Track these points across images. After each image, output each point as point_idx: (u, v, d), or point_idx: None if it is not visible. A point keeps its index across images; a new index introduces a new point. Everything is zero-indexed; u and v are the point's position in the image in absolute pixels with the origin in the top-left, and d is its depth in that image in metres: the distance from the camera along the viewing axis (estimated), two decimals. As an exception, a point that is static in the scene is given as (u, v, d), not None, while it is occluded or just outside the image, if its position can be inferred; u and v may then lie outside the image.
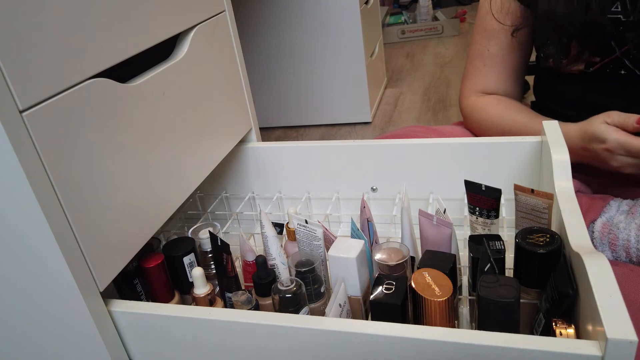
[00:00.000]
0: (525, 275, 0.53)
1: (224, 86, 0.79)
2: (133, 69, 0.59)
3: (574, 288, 0.46)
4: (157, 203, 0.61)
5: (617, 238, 0.63)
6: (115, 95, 0.54)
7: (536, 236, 0.52)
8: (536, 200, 0.59)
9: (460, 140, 0.77)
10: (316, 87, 1.94)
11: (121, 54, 0.55)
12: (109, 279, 0.53)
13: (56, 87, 0.47)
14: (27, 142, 0.44)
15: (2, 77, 0.41)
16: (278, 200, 0.90)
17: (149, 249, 0.64)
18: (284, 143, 0.86)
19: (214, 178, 0.92)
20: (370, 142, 0.81)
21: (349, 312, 0.58)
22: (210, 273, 0.70)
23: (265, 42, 1.89)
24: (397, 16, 3.15)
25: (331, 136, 1.94)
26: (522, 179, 0.76)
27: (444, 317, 0.51)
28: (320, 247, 0.64)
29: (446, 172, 0.79)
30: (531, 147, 0.73)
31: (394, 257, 0.56)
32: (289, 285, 0.56)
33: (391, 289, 0.52)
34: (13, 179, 0.43)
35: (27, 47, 0.44)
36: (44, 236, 0.46)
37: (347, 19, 1.80)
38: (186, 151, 0.67)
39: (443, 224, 0.60)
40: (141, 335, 0.55)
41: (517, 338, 0.42)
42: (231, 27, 0.81)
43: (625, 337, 0.37)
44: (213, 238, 0.64)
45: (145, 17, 0.59)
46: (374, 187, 0.84)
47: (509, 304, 0.46)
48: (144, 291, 0.64)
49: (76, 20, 0.49)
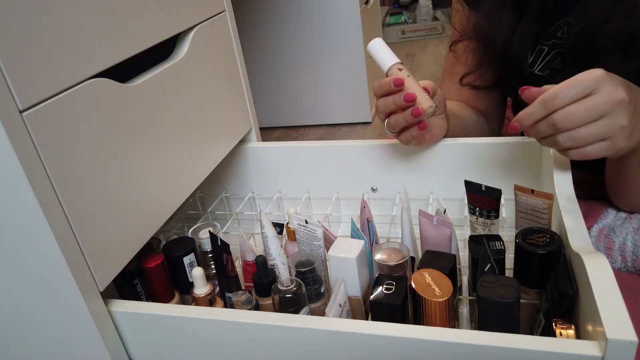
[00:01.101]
0: (525, 275, 0.53)
1: (224, 86, 0.78)
2: (133, 69, 0.59)
3: (574, 288, 0.46)
4: (157, 203, 0.61)
5: (614, 242, 0.62)
6: (115, 95, 0.54)
7: (536, 236, 0.52)
8: (536, 201, 0.59)
9: (460, 140, 0.77)
10: (316, 87, 1.94)
11: (121, 54, 0.55)
12: (109, 279, 0.53)
13: (56, 87, 0.47)
14: (27, 142, 0.44)
15: (2, 77, 0.41)
16: (278, 200, 0.90)
17: (149, 249, 0.64)
18: (284, 143, 0.86)
19: (214, 178, 0.92)
20: (370, 142, 0.81)
21: (349, 312, 0.58)
22: (210, 273, 0.70)
23: (265, 42, 1.88)
24: (397, 16, 3.15)
25: (331, 136, 1.94)
26: (522, 179, 0.76)
27: (444, 317, 0.51)
28: (320, 247, 0.64)
29: (446, 172, 0.79)
30: (531, 147, 0.73)
31: (394, 257, 0.56)
32: (289, 285, 0.56)
33: (391, 289, 0.52)
34: (13, 179, 0.43)
35: (27, 47, 0.44)
36: (44, 236, 0.46)
37: (347, 19, 1.80)
38: (186, 151, 0.67)
39: (443, 224, 0.60)
40: (141, 335, 0.55)
41: (517, 338, 0.42)
42: (231, 27, 0.81)
43: (625, 337, 0.37)
44: (213, 238, 0.64)
45: (145, 17, 0.59)
46: (374, 187, 0.84)
47: (509, 304, 0.46)
48: (144, 291, 0.64)
49: (76, 20, 0.49)
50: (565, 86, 0.52)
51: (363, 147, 0.81)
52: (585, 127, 0.52)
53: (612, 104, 0.51)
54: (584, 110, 0.52)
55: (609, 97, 0.51)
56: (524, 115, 0.55)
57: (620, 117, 0.52)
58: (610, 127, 0.52)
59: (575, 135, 0.53)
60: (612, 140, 0.53)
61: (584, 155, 0.54)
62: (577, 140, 0.53)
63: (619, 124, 0.52)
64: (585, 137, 0.53)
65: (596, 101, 0.51)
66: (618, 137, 0.52)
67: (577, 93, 0.52)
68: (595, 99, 0.51)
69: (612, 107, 0.51)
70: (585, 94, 0.52)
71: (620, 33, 0.60)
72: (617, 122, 0.52)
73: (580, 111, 0.52)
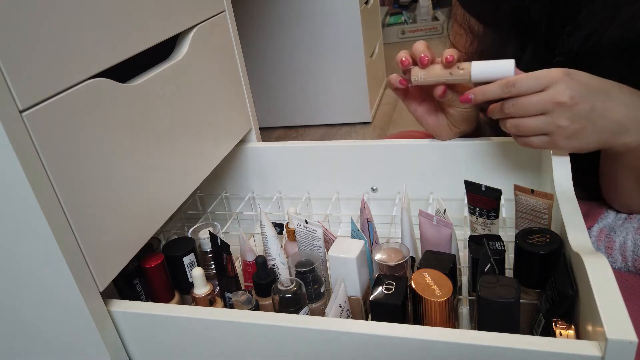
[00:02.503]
0: (525, 275, 0.53)
1: (224, 86, 0.78)
2: (133, 69, 0.59)
3: (574, 288, 0.46)
4: (157, 203, 0.61)
5: (614, 242, 0.63)
6: (115, 95, 0.54)
7: (536, 236, 0.52)
8: (536, 201, 0.59)
9: (460, 140, 0.76)
10: (316, 87, 1.94)
11: (121, 54, 0.55)
12: (109, 279, 0.53)
13: (56, 87, 0.47)
14: (27, 142, 0.44)
15: (2, 77, 0.41)
16: (278, 200, 0.90)
17: (149, 249, 0.64)
18: (284, 143, 0.86)
19: (214, 178, 0.92)
20: (370, 142, 0.81)
21: (349, 312, 0.58)
22: (210, 273, 0.70)
23: (265, 43, 1.89)
24: (397, 16, 3.15)
25: (331, 136, 1.94)
26: (522, 179, 0.76)
27: (444, 317, 0.51)
28: (320, 247, 0.64)
29: (446, 172, 0.79)
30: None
31: (394, 257, 0.56)
32: (289, 285, 0.56)
33: (391, 289, 0.52)
34: (13, 179, 0.43)
35: (27, 47, 0.44)
36: (44, 236, 0.46)
37: (347, 19, 1.80)
38: (186, 151, 0.67)
39: (443, 224, 0.60)
40: (141, 335, 0.55)
41: (517, 338, 0.42)
42: (231, 27, 0.81)
43: (625, 337, 0.37)
44: (213, 238, 0.64)
45: (145, 17, 0.59)
46: (374, 187, 0.84)
47: (509, 304, 0.46)
48: (144, 291, 0.64)
49: (76, 20, 0.49)
50: (524, 77, 0.56)
51: (363, 147, 0.81)
52: (529, 118, 0.57)
53: (553, 104, 0.54)
54: (528, 104, 0.56)
55: (553, 97, 0.54)
56: (480, 90, 0.60)
57: (559, 118, 0.55)
58: (549, 125, 0.56)
59: (520, 124, 0.58)
60: (552, 137, 0.57)
61: (528, 144, 0.59)
62: (520, 128, 0.58)
63: (556, 123, 0.55)
64: (527, 128, 0.57)
65: (541, 98, 0.55)
66: (556, 136, 0.56)
67: (531, 87, 0.55)
68: (542, 96, 0.55)
69: (553, 106, 0.55)
70: (538, 89, 0.55)
71: (621, 39, 0.60)
72: (555, 121, 0.55)
73: (525, 103, 0.56)
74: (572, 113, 0.54)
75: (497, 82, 0.58)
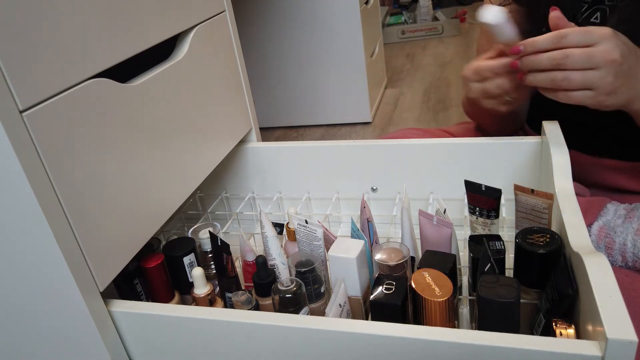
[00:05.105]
0: (525, 275, 0.53)
1: (224, 86, 0.79)
2: (133, 69, 0.59)
3: (574, 288, 0.46)
4: (157, 203, 0.61)
5: (614, 242, 0.63)
6: (115, 95, 0.54)
7: (536, 236, 0.52)
8: (536, 201, 0.59)
9: (460, 140, 0.77)
10: (316, 87, 1.94)
11: (121, 54, 0.55)
12: (109, 279, 0.53)
13: (56, 87, 0.47)
14: (27, 142, 0.44)
15: (2, 77, 0.41)
16: (278, 200, 0.90)
17: (149, 249, 0.64)
18: (284, 143, 0.86)
19: (214, 178, 0.92)
20: (370, 142, 0.81)
21: (349, 312, 0.58)
22: (210, 273, 0.70)
23: (265, 42, 1.88)
24: (397, 16, 3.15)
25: (331, 136, 1.94)
26: (522, 179, 0.76)
27: (444, 317, 0.51)
28: (320, 247, 0.64)
29: (446, 172, 0.79)
30: (531, 147, 0.73)
31: (394, 257, 0.56)
32: (289, 285, 0.56)
33: (391, 289, 0.52)
34: (13, 179, 0.43)
35: (27, 47, 0.44)
36: (44, 236, 0.46)
37: (347, 19, 1.80)
38: (186, 151, 0.67)
39: (443, 224, 0.60)
40: (141, 335, 0.55)
41: (517, 338, 0.42)
42: (231, 27, 0.81)
43: (625, 337, 0.37)
44: (213, 238, 0.64)
45: (145, 17, 0.59)
46: (374, 187, 0.84)
47: (509, 304, 0.46)
48: (144, 291, 0.64)
49: (76, 20, 0.49)
50: (576, 30, 0.58)
51: (363, 147, 0.81)
52: (579, 72, 0.58)
53: (606, 60, 0.57)
54: (583, 56, 0.58)
55: (605, 53, 0.57)
56: (531, 41, 0.61)
57: (608, 74, 0.58)
58: (598, 79, 0.58)
59: (570, 76, 0.59)
60: (597, 91, 0.59)
61: (568, 99, 0.60)
62: (571, 81, 0.59)
63: (606, 78, 0.58)
64: (576, 80, 0.58)
65: (594, 52, 0.57)
66: (600, 90, 0.58)
67: (582, 40, 0.58)
68: (594, 51, 0.57)
69: (605, 62, 0.57)
70: (589, 43, 0.57)
71: None
72: (605, 76, 0.58)
73: (579, 55, 0.58)
74: (619, 70, 0.57)
75: (548, 34, 0.59)
